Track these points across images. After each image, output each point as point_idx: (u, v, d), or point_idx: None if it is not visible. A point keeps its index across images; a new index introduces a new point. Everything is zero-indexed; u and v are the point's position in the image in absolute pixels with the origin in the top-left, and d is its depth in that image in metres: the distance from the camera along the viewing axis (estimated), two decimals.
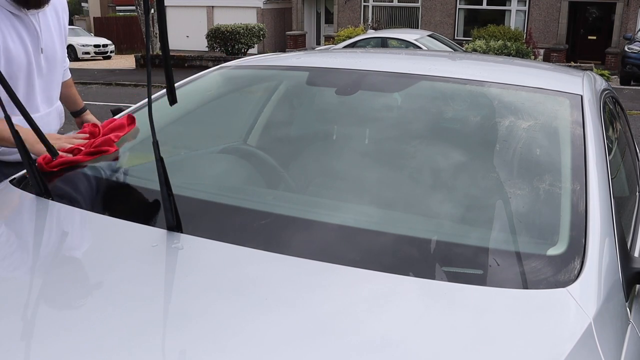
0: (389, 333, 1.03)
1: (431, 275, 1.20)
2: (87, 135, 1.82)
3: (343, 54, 2.96)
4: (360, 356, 0.97)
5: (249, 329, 1.02)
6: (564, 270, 1.21)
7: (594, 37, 19.82)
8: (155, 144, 1.31)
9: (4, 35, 1.95)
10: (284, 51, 14.23)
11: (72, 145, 1.76)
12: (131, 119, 1.85)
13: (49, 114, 2.23)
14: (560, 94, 1.83)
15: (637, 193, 2.12)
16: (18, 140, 1.50)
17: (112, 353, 0.97)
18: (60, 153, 1.70)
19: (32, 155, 1.57)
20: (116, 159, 1.76)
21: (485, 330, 1.05)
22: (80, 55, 22.22)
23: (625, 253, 1.35)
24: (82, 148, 1.74)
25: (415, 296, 1.15)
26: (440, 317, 1.08)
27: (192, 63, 17.23)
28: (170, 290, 1.19)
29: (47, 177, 1.58)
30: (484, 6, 19.83)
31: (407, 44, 12.95)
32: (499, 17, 19.59)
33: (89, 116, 2.52)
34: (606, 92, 2.18)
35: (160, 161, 1.30)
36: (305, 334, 1.02)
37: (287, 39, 21.52)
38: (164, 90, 1.80)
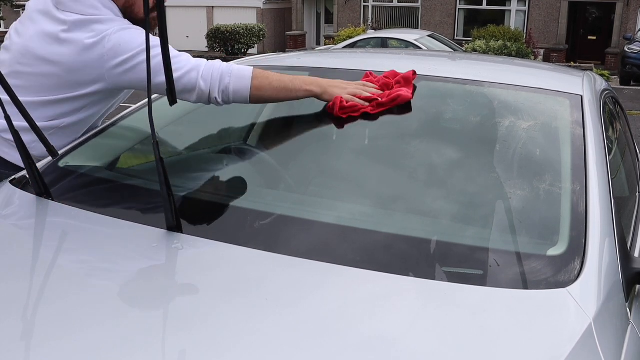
0: (389, 333, 1.03)
1: (431, 276, 1.20)
2: (377, 85, 1.81)
3: (343, 54, 2.96)
4: (361, 357, 0.97)
5: (249, 329, 1.02)
6: (564, 270, 1.21)
7: (594, 38, 19.81)
8: (156, 144, 1.31)
9: None
10: (284, 51, 14.22)
11: (369, 95, 1.75)
12: (415, 74, 1.83)
13: None
14: (560, 94, 1.83)
15: (637, 193, 2.12)
16: (18, 140, 1.50)
17: (112, 353, 0.97)
18: (357, 100, 1.73)
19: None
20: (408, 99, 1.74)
21: (486, 330, 1.05)
22: None
23: (625, 253, 1.35)
24: (379, 98, 1.73)
25: (415, 296, 1.15)
26: (440, 317, 1.08)
27: None
28: (170, 290, 1.19)
29: (47, 178, 1.58)
30: (484, 6, 19.82)
31: (407, 44, 12.95)
32: (499, 18, 19.58)
33: None
34: (606, 92, 2.18)
35: (160, 161, 1.30)
36: (305, 335, 1.02)
37: (287, 39, 21.51)
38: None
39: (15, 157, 1.81)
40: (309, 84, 1.76)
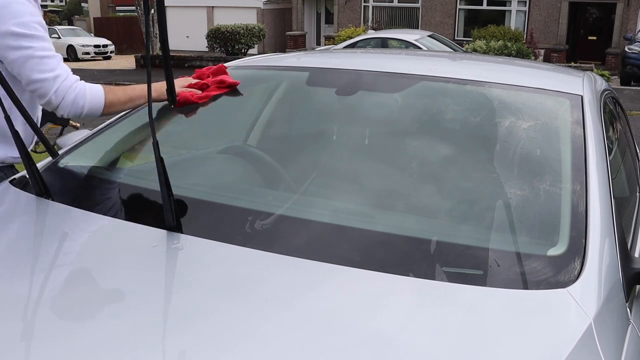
0: (389, 333, 1.03)
1: (431, 276, 1.20)
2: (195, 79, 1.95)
3: (343, 54, 2.96)
4: (361, 356, 0.97)
5: (249, 328, 1.02)
6: (564, 270, 1.21)
7: (594, 38, 19.81)
8: (156, 144, 1.31)
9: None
10: (284, 51, 14.23)
11: (198, 82, 1.89)
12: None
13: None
14: (560, 95, 1.83)
15: (637, 193, 2.12)
16: (18, 140, 1.50)
17: (112, 353, 0.97)
18: (192, 90, 1.85)
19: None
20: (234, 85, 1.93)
21: (486, 330, 1.05)
22: (80, 56, 22.21)
23: (625, 253, 1.35)
24: (208, 84, 1.90)
25: (415, 296, 1.15)
26: (440, 317, 1.08)
27: (192, 63, 17.22)
28: (170, 290, 1.19)
29: (47, 178, 1.58)
30: (484, 6, 19.82)
31: (407, 45, 12.93)
32: (499, 18, 19.57)
33: None
34: (606, 92, 2.17)
35: (160, 161, 1.30)
36: (305, 334, 1.02)
37: (287, 39, 21.51)
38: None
39: None
40: (145, 91, 1.78)
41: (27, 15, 1.65)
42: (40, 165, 1.68)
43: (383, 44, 13.48)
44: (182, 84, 1.89)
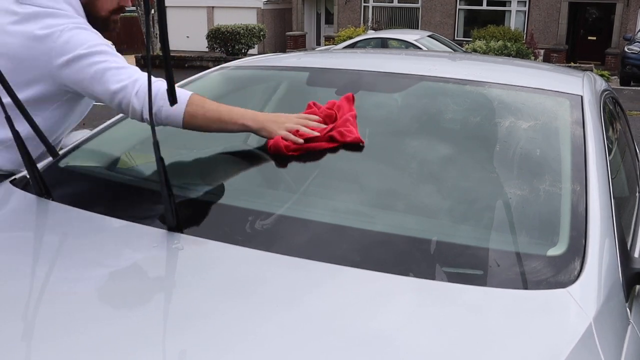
0: (389, 333, 1.03)
1: (431, 276, 1.20)
2: (320, 117, 1.68)
3: (343, 55, 2.97)
4: (361, 356, 0.97)
5: (250, 328, 1.02)
6: (564, 270, 1.21)
7: (594, 38, 19.82)
8: (156, 144, 1.31)
9: None
10: (284, 52, 14.23)
11: (309, 133, 1.61)
12: (351, 99, 1.74)
13: None
14: (560, 95, 1.83)
15: (637, 193, 2.12)
16: (18, 140, 1.50)
17: (112, 353, 0.97)
18: (292, 138, 1.59)
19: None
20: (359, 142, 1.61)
21: (486, 330, 1.05)
22: None
23: (625, 253, 1.35)
24: (317, 134, 1.61)
25: (415, 296, 1.16)
26: (440, 317, 1.08)
27: (192, 63, 17.23)
28: (170, 290, 1.19)
29: (47, 178, 1.58)
30: (484, 7, 19.83)
31: (407, 45, 12.94)
32: (499, 18, 19.58)
33: None
34: (606, 92, 2.18)
35: (160, 161, 1.30)
36: (305, 334, 1.02)
37: (287, 40, 21.52)
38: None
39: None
40: (246, 118, 1.64)
41: (93, 40, 1.66)
42: (40, 165, 1.68)
43: (383, 44, 13.48)
44: (302, 122, 1.63)
